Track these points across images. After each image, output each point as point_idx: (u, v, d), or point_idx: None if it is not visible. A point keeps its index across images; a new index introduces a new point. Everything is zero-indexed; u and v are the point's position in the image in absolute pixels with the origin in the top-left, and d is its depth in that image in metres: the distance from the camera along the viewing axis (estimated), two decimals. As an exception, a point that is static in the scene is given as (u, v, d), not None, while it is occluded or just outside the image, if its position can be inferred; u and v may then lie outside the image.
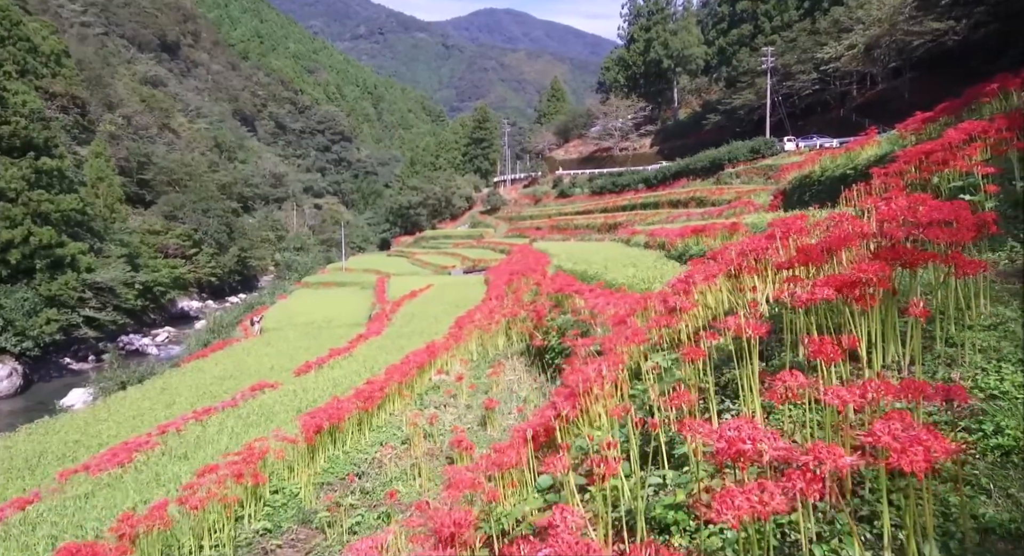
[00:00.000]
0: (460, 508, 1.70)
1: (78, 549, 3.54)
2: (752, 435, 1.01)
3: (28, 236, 29.40)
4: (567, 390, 3.85)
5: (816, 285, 1.75)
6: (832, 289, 1.70)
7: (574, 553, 0.87)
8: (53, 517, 6.12)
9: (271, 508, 4.98)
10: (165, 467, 7.33)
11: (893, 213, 2.20)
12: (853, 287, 1.67)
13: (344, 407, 6.63)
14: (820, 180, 13.39)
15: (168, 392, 16.10)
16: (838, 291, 1.70)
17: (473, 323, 11.98)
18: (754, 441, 1.02)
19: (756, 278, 3.01)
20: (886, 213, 2.24)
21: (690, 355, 1.82)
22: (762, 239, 3.12)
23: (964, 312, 1.95)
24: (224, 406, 10.63)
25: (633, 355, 4.43)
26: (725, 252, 3.23)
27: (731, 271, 3.05)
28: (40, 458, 11.43)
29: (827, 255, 2.07)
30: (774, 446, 1.01)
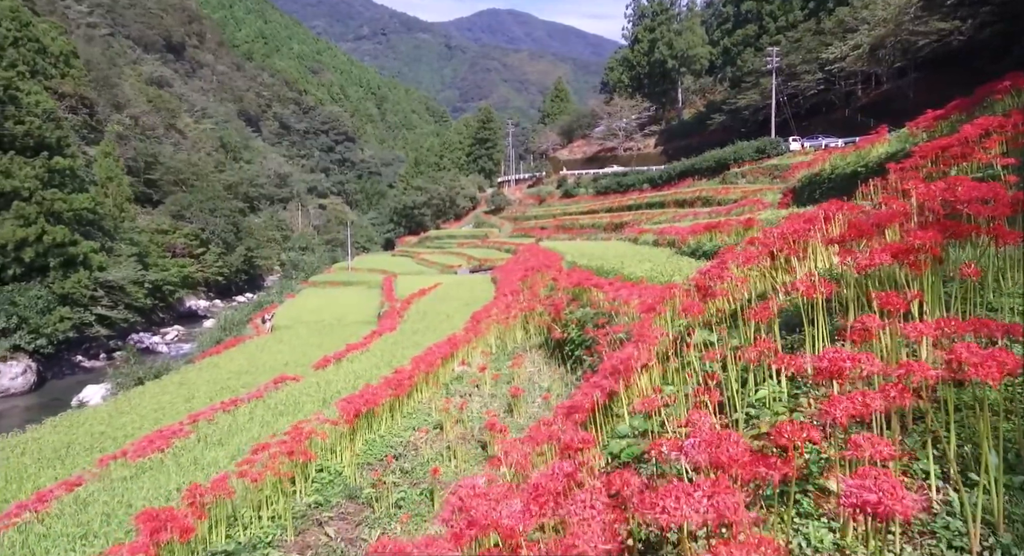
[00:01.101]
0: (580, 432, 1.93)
1: (157, 514, 3.80)
2: (850, 356, 1.25)
3: (42, 234, 29.73)
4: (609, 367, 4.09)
5: (874, 253, 1.98)
6: (889, 255, 1.93)
7: (716, 439, 1.10)
8: (103, 497, 6.37)
9: (319, 484, 5.24)
10: (203, 453, 7.58)
11: (932, 194, 2.43)
12: (908, 254, 1.90)
13: (378, 393, 6.86)
14: (830, 178, 13.61)
15: (186, 387, 16.37)
16: (894, 257, 1.93)
17: (490, 317, 12.22)
18: (853, 360, 1.26)
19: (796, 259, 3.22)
20: (926, 193, 2.46)
21: (757, 315, 2.06)
22: (801, 222, 3.33)
23: (1001, 281, 2.19)
24: (250, 397, 10.88)
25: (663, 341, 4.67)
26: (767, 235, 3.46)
27: (773, 253, 3.26)
28: (68, 449, 11.69)
29: (877, 230, 2.30)
30: (870, 364, 1.25)
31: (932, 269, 2.00)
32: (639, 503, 0.89)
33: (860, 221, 2.36)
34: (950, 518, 1.32)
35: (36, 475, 10.12)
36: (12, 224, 29.23)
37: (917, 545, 1.28)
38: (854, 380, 1.30)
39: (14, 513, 6.29)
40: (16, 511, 6.33)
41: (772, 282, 3.01)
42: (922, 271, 1.94)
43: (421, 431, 6.54)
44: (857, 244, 2.32)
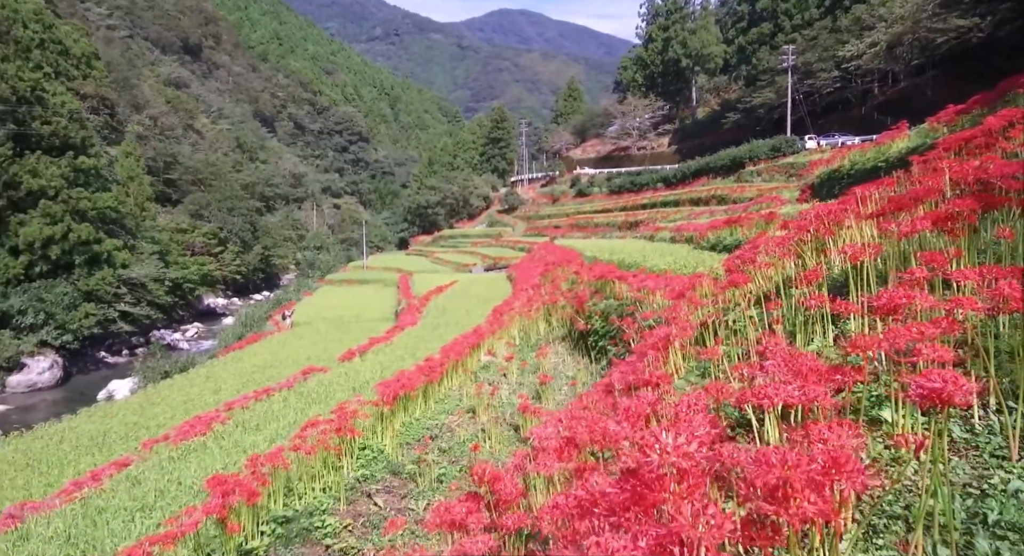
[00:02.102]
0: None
1: (225, 479, 4.07)
2: (905, 294, 1.46)
3: (68, 232, 30.42)
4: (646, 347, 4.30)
5: (915, 220, 2.19)
6: (929, 222, 2.13)
7: (791, 356, 1.31)
8: (153, 475, 6.68)
9: (364, 460, 5.49)
10: (242, 437, 7.88)
11: (965, 172, 2.62)
12: (947, 220, 2.10)
13: (412, 379, 7.11)
14: (850, 173, 13.69)
15: (213, 380, 16.74)
16: (934, 224, 2.13)
17: (513, 310, 12.45)
18: (908, 298, 1.47)
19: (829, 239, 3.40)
20: (959, 171, 2.66)
21: (808, 278, 2.27)
22: (835, 205, 3.51)
23: (1029, 249, 2.38)
24: (281, 387, 11.19)
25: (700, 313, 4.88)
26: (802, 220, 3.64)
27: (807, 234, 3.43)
28: (104, 437, 12.07)
29: (914, 203, 2.50)
30: (923, 300, 1.46)
31: (969, 236, 2.19)
32: (743, 395, 1.10)
33: (899, 196, 2.56)
34: (992, 436, 1.53)
35: (76, 461, 10.50)
36: (39, 222, 29.94)
37: (964, 456, 1.49)
38: (907, 317, 1.51)
39: (70, 489, 6.62)
40: (72, 488, 6.66)
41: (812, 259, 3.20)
42: (960, 237, 2.14)
43: (458, 413, 6.79)
44: (896, 216, 2.51)
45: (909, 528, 1.24)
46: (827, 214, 3.44)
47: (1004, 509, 1.22)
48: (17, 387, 27.06)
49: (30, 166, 30.18)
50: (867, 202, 3.17)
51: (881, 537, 1.24)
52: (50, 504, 6.26)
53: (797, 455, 0.78)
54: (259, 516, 4.20)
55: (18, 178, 29.84)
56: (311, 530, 4.22)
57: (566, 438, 1.57)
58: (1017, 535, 1.16)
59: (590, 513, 0.89)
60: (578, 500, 1.00)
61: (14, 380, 27.07)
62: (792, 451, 0.79)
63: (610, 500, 0.81)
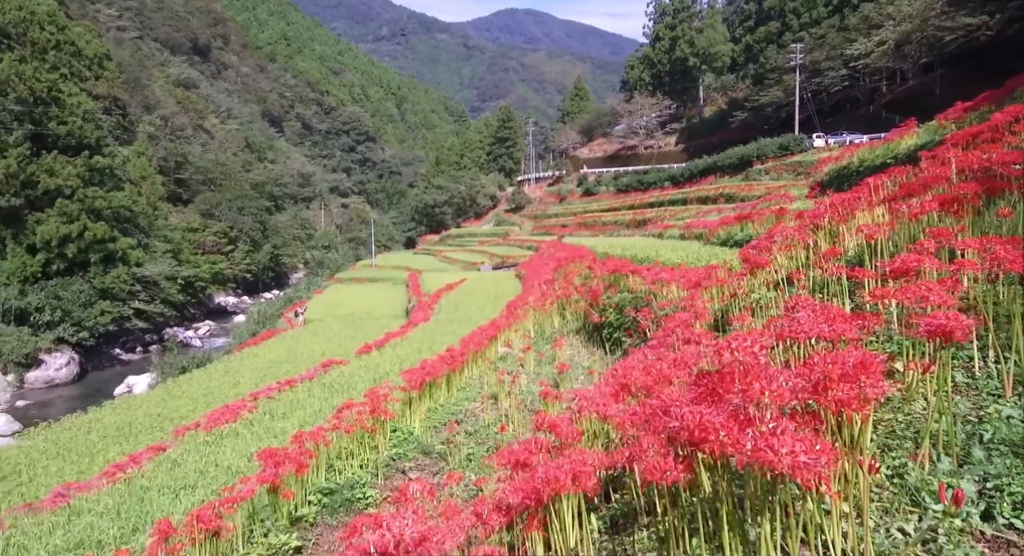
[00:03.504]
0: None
1: (275, 452, 4.37)
2: (921, 258, 1.72)
3: (83, 231, 30.91)
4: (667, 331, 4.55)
5: (924, 203, 2.44)
6: (937, 204, 2.39)
7: (820, 307, 1.57)
8: (191, 458, 7.00)
9: (396, 441, 5.78)
10: (272, 423, 8.19)
11: (970, 161, 2.87)
12: (953, 203, 2.36)
13: (436, 367, 7.40)
14: (858, 170, 13.87)
15: (231, 374, 17.10)
16: (941, 206, 2.39)
17: (527, 305, 12.72)
18: (918, 262, 1.73)
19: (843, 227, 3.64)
20: (964, 160, 2.91)
21: (827, 255, 2.53)
22: (848, 196, 3.76)
23: (1028, 230, 2.63)
24: (303, 378, 11.51)
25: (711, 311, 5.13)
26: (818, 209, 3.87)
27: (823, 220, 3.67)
28: (130, 427, 12.43)
29: (923, 188, 2.75)
30: (931, 262, 1.72)
31: (972, 216, 2.45)
32: (782, 331, 1.36)
33: (909, 183, 2.81)
34: (990, 380, 1.79)
35: (105, 450, 10.84)
36: (56, 221, 30.43)
37: (965, 395, 1.75)
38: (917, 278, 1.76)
39: (112, 471, 6.94)
40: (113, 470, 6.98)
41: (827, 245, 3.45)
42: (964, 217, 2.39)
43: (480, 399, 7.07)
44: (907, 201, 2.77)
45: (917, 446, 1.49)
46: (841, 203, 3.67)
47: (997, 430, 1.47)
48: (35, 383, 27.54)
49: (47, 165, 30.69)
50: (879, 190, 3.42)
51: (894, 452, 1.50)
52: (94, 484, 6.57)
53: (835, 355, 1.03)
54: (306, 488, 4.49)
55: (35, 177, 30.35)
56: (353, 501, 4.51)
57: (621, 384, 1.84)
58: (1007, 447, 1.42)
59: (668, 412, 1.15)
60: (653, 408, 1.26)
61: (32, 376, 27.55)
62: (831, 353, 1.05)
63: (687, 397, 1.06)
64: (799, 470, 0.89)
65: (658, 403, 1.22)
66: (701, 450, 1.01)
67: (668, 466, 1.09)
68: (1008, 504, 1.25)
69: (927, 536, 1.17)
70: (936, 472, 1.35)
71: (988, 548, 1.18)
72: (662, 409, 1.14)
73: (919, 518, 1.26)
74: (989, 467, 1.34)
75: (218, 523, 3.43)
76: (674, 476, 1.09)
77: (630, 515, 1.97)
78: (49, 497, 6.16)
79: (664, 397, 1.23)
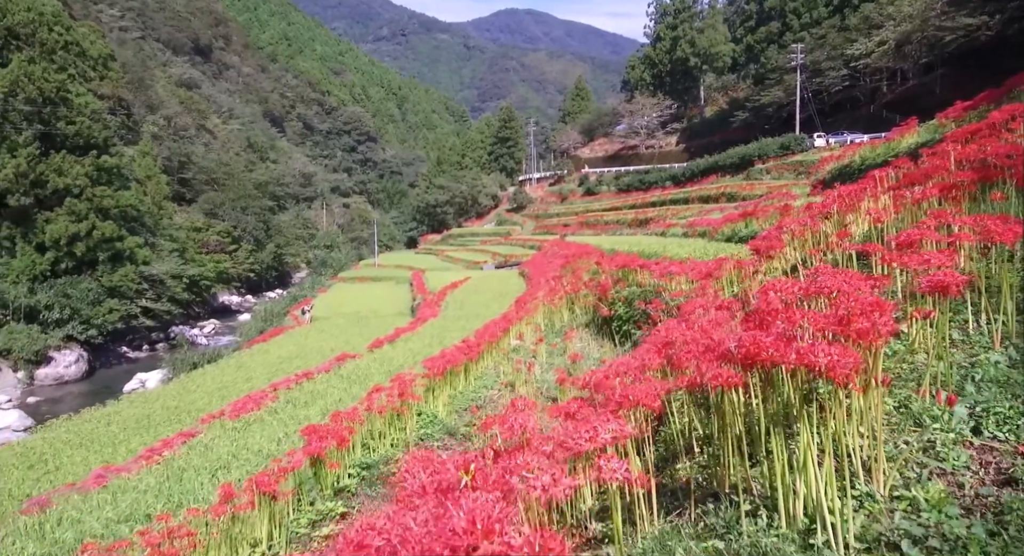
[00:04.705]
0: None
1: (317, 428, 4.67)
2: (924, 232, 2.01)
3: (92, 230, 31.21)
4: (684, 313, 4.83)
5: (925, 190, 2.74)
6: (937, 190, 2.69)
7: (837, 272, 1.86)
8: (223, 442, 7.29)
9: (422, 423, 6.08)
10: (295, 411, 8.49)
11: (968, 153, 3.17)
12: (952, 189, 2.66)
13: (456, 356, 7.70)
14: (860, 168, 14.16)
15: (244, 369, 17.40)
16: (940, 192, 2.69)
17: (536, 300, 13.01)
18: (921, 235, 2.02)
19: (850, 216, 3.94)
20: (962, 153, 3.21)
21: (839, 236, 2.83)
22: (856, 187, 4.05)
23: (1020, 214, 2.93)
24: (319, 371, 11.81)
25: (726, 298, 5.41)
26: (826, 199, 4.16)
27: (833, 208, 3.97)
28: (149, 419, 12.73)
29: (925, 178, 3.05)
30: (932, 234, 2.01)
31: (969, 202, 2.75)
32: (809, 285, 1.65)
33: (911, 173, 3.11)
34: (981, 336, 2.09)
35: (127, 440, 11.14)
36: (65, 220, 30.74)
37: (960, 348, 2.05)
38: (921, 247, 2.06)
39: (146, 455, 7.24)
40: (147, 454, 7.28)
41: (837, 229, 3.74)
42: (962, 203, 2.70)
43: (500, 384, 7.37)
44: (909, 188, 3.07)
45: (919, 386, 1.79)
46: (847, 193, 3.96)
47: (986, 371, 1.77)
48: (45, 380, 27.84)
49: (55, 165, 30.99)
50: (884, 182, 3.72)
51: (900, 390, 1.80)
52: (131, 467, 6.87)
53: (856, 297, 1.32)
54: (345, 462, 4.79)
55: (45, 177, 30.65)
56: (389, 475, 4.81)
57: (664, 342, 2.13)
58: (994, 384, 1.71)
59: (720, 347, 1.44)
60: (706, 346, 1.55)
61: (42, 373, 27.85)
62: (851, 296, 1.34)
63: (738, 336, 1.36)
64: (833, 368, 1.18)
65: (706, 346, 1.50)
66: (755, 363, 1.30)
67: (729, 373, 1.39)
68: (993, 422, 1.55)
69: (927, 445, 1.47)
70: (935, 402, 1.64)
71: (976, 453, 1.47)
72: (716, 342, 1.43)
73: (920, 435, 1.55)
74: (979, 397, 1.63)
75: (275, 487, 3.73)
76: (735, 380, 1.38)
77: (669, 458, 2.27)
78: (90, 478, 6.46)
79: (715, 335, 1.52)
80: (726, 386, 1.39)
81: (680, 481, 1.82)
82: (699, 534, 1.43)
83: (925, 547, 1.16)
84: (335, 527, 4.03)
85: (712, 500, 1.57)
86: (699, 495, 1.63)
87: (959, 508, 1.27)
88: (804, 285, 1.60)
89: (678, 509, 1.63)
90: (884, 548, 1.20)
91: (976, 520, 1.21)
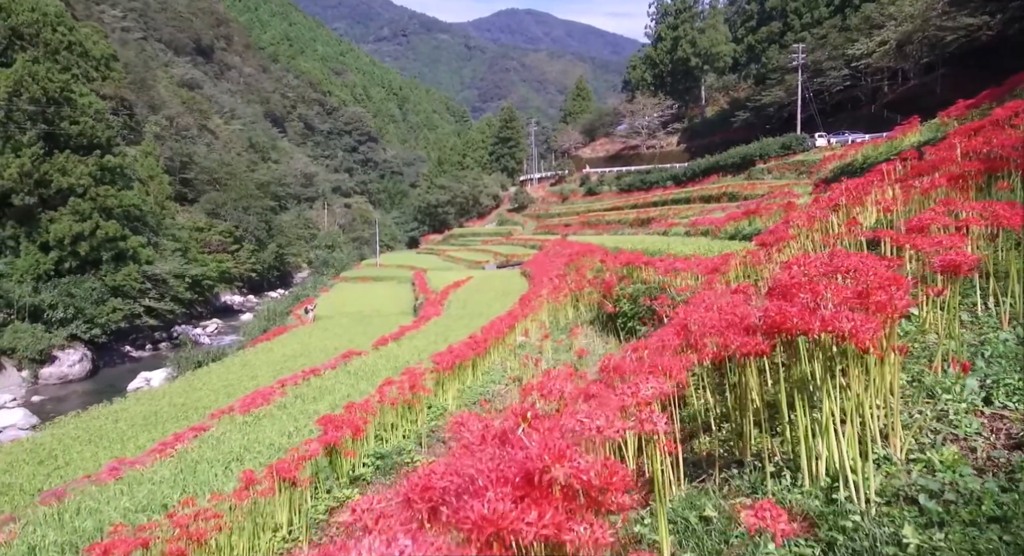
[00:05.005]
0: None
1: (333, 418, 4.76)
2: (934, 217, 2.10)
3: (95, 229, 31.33)
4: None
5: (933, 180, 2.83)
6: (944, 180, 2.77)
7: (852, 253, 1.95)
8: (235, 435, 7.38)
9: (432, 415, 6.17)
10: (304, 406, 8.57)
11: (974, 145, 3.25)
12: (959, 179, 2.74)
13: (464, 351, 7.79)
14: (862, 167, 14.22)
15: (248, 367, 17.49)
16: (948, 182, 2.78)
17: (541, 297, 13.10)
18: (932, 220, 2.11)
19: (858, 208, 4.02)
20: (969, 145, 3.29)
21: (850, 225, 2.91)
22: (863, 181, 4.13)
23: (1024, 205, 3.01)
24: (326, 368, 11.90)
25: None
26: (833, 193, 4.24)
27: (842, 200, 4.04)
28: (156, 416, 12.82)
29: (932, 169, 3.13)
30: (943, 218, 2.10)
31: (976, 192, 2.83)
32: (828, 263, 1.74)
33: (919, 164, 3.19)
34: (990, 318, 2.17)
35: (135, 437, 11.23)
36: (68, 219, 30.86)
37: (970, 329, 2.14)
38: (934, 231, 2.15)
39: (159, 448, 7.33)
40: (160, 447, 7.36)
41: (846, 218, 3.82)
42: (969, 192, 2.78)
43: (508, 379, 7.46)
44: (918, 179, 3.15)
45: (931, 362, 1.87)
46: (855, 187, 4.04)
47: (995, 348, 1.85)
48: (49, 379, 27.94)
49: (59, 165, 31.11)
50: (891, 175, 3.80)
51: (913, 366, 1.88)
52: (145, 460, 6.95)
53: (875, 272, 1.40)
54: (361, 451, 4.88)
55: (49, 176, 30.77)
56: (402, 464, 4.90)
57: (684, 323, 2.22)
58: (1003, 359, 1.80)
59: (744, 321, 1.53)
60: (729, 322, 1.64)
61: (46, 372, 27.96)
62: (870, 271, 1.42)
63: (763, 307, 1.44)
64: (856, 333, 1.27)
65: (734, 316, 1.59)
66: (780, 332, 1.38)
67: (756, 341, 1.48)
68: (1003, 393, 1.63)
69: (940, 414, 1.55)
70: (947, 376, 1.73)
71: (987, 421, 1.55)
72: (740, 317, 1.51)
73: (933, 405, 1.63)
74: (989, 371, 1.72)
75: (295, 473, 3.81)
76: (762, 348, 1.47)
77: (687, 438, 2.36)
78: (105, 471, 6.54)
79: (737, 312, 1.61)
80: (754, 354, 1.48)
81: (702, 454, 1.90)
82: (725, 495, 1.52)
83: (941, 500, 1.24)
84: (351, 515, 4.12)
85: (736, 466, 1.66)
86: (722, 464, 1.72)
87: (972, 469, 1.36)
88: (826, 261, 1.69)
89: (701, 477, 1.72)
90: (903, 502, 1.28)
91: (989, 478, 1.29)
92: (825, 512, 1.25)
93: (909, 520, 1.17)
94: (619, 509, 0.80)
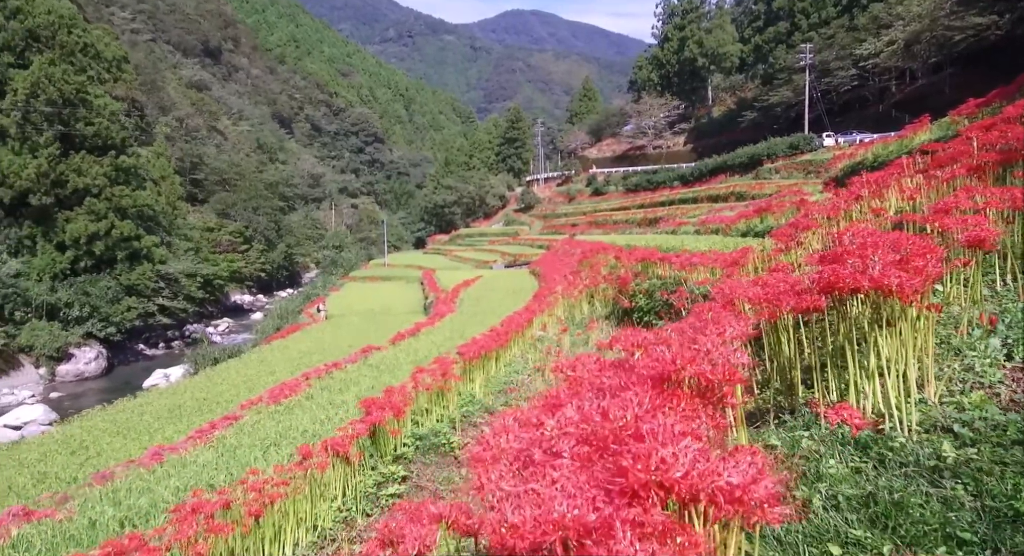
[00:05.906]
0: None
1: (374, 400, 5.02)
2: (958, 200, 2.33)
3: (111, 229, 31.79)
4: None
5: (954, 170, 3.05)
6: (965, 170, 3.01)
7: (871, 231, 2.19)
8: (268, 423, 7.64)
9: (462, 402, 6.42)
10: (331, 397, 8.84)
11: (991, 139, 3.48)
12: (978, 170, 2.97)
13: (487, 343, 8.03)
14: (872, 166, 14.41)
15: (266, 363, 17.80)
16: (968, 172, 3.01)
17: (556, 293, 13.34)
18: (958, 203, 2.34)
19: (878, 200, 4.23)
20: (985, 139, 3.52)
21: (876, 212, 3.14)
22: (883, 174, 4.36)
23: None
24: (347, 362, 12.17)
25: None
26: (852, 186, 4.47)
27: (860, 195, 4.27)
28: (180, 409, 13.13)
29: (952, 161, 3.36)
30: (967, 202, 2.33)
31: (994, 181, 3.06)
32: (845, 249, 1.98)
33: (939, 156, 3.42)
34: (1008, 293, 2.41)
35: (161, 429, 11.53)
36: (84, 219, 31.32)
37: (990, 302, 2.37)
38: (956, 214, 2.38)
39: (195, 436, 7.61)
40: (196, 435, 7.64)
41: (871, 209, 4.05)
42: (987, 182, 3.00)
43: (531, 369, 7.71)
44: (940, 170, 3.37)
45: (956, 328, 2.11)
46: (875, 179, 4.26)
47: (1014, 317, 2.09)
48: (66, 376, 28.37)
49: (75, 165, 31.58)
50: (910, 167, 4.03)
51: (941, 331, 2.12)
52: (183, 446, 7.23)
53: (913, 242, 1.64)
54: (402, 431, 5.14)
55: (65, 177, 31.24)
56: (439, 445, 5.16)
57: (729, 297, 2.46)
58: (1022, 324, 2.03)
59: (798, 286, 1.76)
60: (781, 288, 1.88)
61: (63, 369, 28.39)
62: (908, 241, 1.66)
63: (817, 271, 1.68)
64: (901, 288, 1.51)
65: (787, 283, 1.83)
66: (833, 291, 1.62)
67: (814, 298, 1.72)
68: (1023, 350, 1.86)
69: (967, 367, 1.78)
70: (972, 336, 1.96)
71: (1009, 372, 1.79)
72: (793, 282, 1.75)
73: (961, 361, 1.87)
74: (1010, 332, 1.95)
75: (348, 448, 4.07)
76: (819, 303, 1.72)
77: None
78: (147, 455, 6.82)
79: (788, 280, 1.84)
80: (812, 309, 1.72)
81: (752, 409, 2.14)
82: (782, 434, 1.75)
83: (972, 428, 1.48)
84: (399, 487, 4.37)
85: (788, 414, 1.90)
86: (774, 414, 1.96)
87: (997, 408, 1.59)
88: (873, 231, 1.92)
89: (756, 424, 1.95)
90: (939, 431, 1.52)
91: (1012, 413, 1.53)
92: (875, 438, 1.49)
93: (947, 442, 1.40)
94: (733, 406, 1.03)
